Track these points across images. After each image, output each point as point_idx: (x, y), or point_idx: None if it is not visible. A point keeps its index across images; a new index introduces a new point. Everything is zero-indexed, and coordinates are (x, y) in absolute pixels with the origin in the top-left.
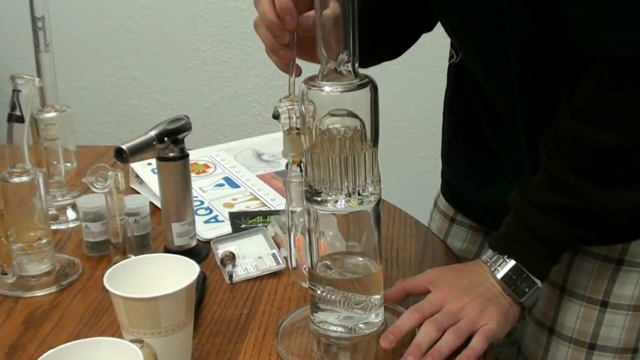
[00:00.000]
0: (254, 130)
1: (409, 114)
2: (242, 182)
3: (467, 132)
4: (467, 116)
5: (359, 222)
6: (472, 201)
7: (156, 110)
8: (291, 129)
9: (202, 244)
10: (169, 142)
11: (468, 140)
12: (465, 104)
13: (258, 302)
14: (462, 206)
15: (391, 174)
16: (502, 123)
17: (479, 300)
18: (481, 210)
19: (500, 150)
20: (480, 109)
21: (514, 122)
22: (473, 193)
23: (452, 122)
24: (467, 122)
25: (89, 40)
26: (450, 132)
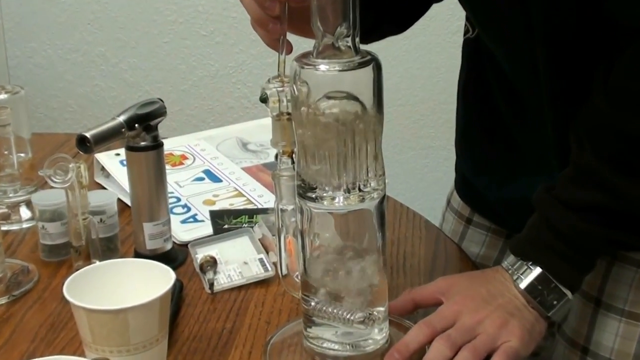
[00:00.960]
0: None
1: (419, 97)
2: (225, 176)
3: (485, 119)
4: (485, 100)
5: (360, 222)
6: (491, 199)
7: (125, 93)
8: (281, 114)
9: (178, 248)
10: (140, 129)
11: (486, 128)
12: (482, 86)
13: (243, 315)
14: (479, 205)
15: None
16: (526, 109)
17: (499, 314)
18: (501, 209)
19: (523, 140)
20: (500, 92)
21: (539, 107)
22: (492, 190)
23: (468, 106)
24: (484, 107)
25: (45, 10)
26: (465, 119)
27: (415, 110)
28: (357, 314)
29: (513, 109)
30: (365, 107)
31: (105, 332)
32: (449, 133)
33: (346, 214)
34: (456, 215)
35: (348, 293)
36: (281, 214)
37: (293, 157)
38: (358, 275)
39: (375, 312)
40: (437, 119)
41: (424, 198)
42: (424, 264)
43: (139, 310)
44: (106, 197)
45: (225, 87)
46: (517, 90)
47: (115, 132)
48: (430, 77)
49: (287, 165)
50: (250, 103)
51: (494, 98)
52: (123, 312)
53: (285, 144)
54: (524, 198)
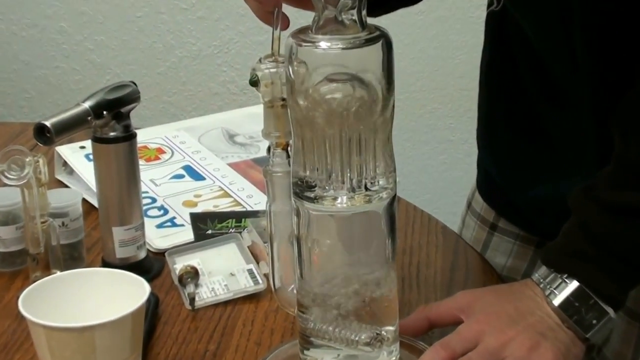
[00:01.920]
0: (224, 104)
1: (436, 82)
2: (209, 173)
3: (512, 108)
4: (512, 85)
5: (367, 227)
6: (520, 201)
7: (91, 76)
8: (274, 100)
9: (153, 257)
10: (109, 118)
11: (513, 118)
12: (509, 68)
13: (229, 335)
14: (506, 208)
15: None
16: (561, 97)
17: (529, 335)
18: (532, 213)
19: (558, 132)
20: (530, 76)
21: (577, 96)
22: (521, 190)
23: (492, 92)
24: (511, 93)
25: None
26: (489, 107)
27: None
28: (363, 334)
29: (546, 96)
30: (372, 92)
31: (67, 354)
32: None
33: (350, 217)
34: (479, 220)
35: (352, 310)
36: (274, 217)
37: (288, 150)
38: (364, 289)
39: (383, 332)
40: (457, 108)
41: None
42: (440, 277)
43: (107, 329)
44: (69, 196)
45: (208, 69)
46: (551, 75)
47: (79, 120)
48: (449, 59)
49: (281, 160)
50: (238, 88)
51: (523, 83)
52: (88, 331)
53: (279, 135)
54: (559, 200)
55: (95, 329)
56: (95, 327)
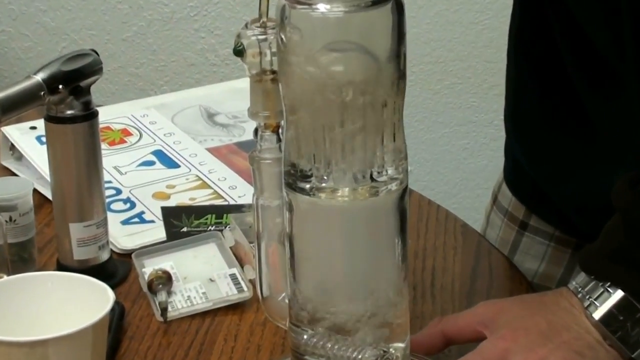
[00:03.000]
0: (202, 77)
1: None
2: (184, 159)
3: (547, 85)
4: (547, 58)
5: (372, 224)
6: (555, 196)
7: (44, 43)
8: (263, 72)
9: (118, 259)
10: (66, 93)
11: (548, 98)
12: (543, 37)
13: (208, 353)
14: (538, 203)
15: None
16: (604, 75)
17: (564, 354)
18: (569, 210)
19: (598, 116)
20: (568, 48)
21: (621, 70)
22: (555, 183)
23: (522, 66)
24: (545, 67)
25: None
26: (519, 83)
27: (449, 70)
28: (367, 353)
29: (585, 72)
30: (380, 64)
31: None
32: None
33: (353, 213)
34: (506, 218)
35: (355, 323)
36: (262, 212)
37: (279, 133)
38: (368, 299)
39: (392, 350)
40: (481, 83)
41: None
42: (459, 284)
43: (64, 344)
44: (17, 186)
45: (183, 35)
46: (593, 48)
47: (30, 96)
48: (472, 24)
49: (270, 144)
50: (218, 58)
51: (559, 55)
52: (41, 346)
53: (268, 115)
54: (600, 194)
55: (49, 344)
56: (49, 342)
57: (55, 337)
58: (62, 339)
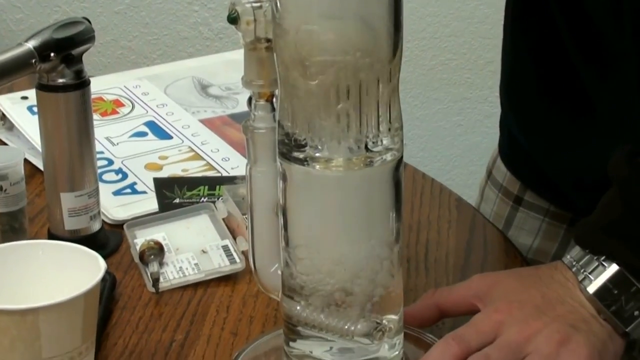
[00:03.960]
0: (195, 50)
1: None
2: (177, 131)
3: (543, 60)
4: (543, 32)
5: (367, 195)
6: (550, 170)
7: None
8: (258, 41)
9: (109, 229)
10: (58, 61)
11: (544, 73)
12: (540, 11)
13: (200, 323)
14: (533, 178)
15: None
16: (601, 49)
17: (558, 327)
18: (564, 185)
19: (594, 90)
20: (565, 22)
21: (619, 45)
22: (551, 157)
23: (519, 42)
24: (542, 42)
25: None
26: (515, 59)
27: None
28: (361, 324)
29: (582, 47)
30: (376, 33)
31: (6, 342)
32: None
33: (347, 184)
34: (500, 193)
35: (348, 295)
36: (255, 183)
37: (273, 102)
38: (362, 271)
39: (385, 322)
40: (476, 59)
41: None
42: (454, 258)
43: (54, 313)
44: (8, 156)
45: (177, 8)
46: (590, 23)
47: (21, 63)
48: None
49: (264, 113)
50: (212, 32)
51: (555, 29)
52: (32, 314)
53: (262, 84)
54: (597, 168)
55: (39, 313)
56: (40, 310)
57: (46, 305)
58: (53, 308)
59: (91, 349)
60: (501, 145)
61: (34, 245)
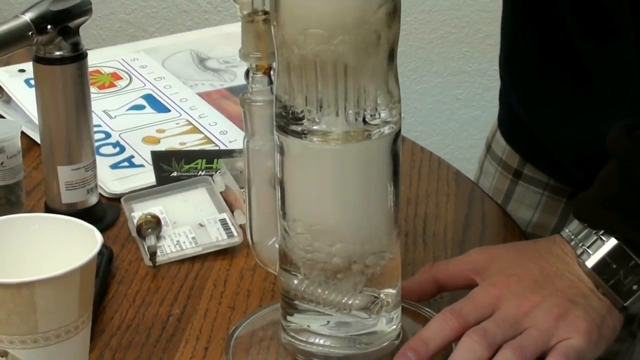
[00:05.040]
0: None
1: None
2: (174, 104)
3: (542, 32)
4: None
5: (364, 168)
6: (550, 144)
7: None
8: (255, 13)
9: (107, 202)
10: (55, 33)
11: (544, 45)
12: None
13: (197, 297)
14: (533, 152)
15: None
16: (600, 22)
17: (556, 301)
18: (564, 158)
19: (595, 64)
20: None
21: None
22: (551, 130)
23: (519, 14)
24: (542, 15)
25: None
26: (514, 31)
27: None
28: (358, 298)
29: (582, 20)
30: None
31: (3, 316)
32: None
33: (345, 156)
34: (500, 166)
35: (346, 269)
36: (253, 156)
37: (271, 74)
38: (360, 245)
39: (382, 296)
40: (475, 32)
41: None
42: (452, 232)
43: (51, 286)
44: (5, 129)
45: None
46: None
47: (18, 36)
48: None
49: (262, 86)
50: (210, 5)
51: (555, 3)
52: (28, 287)
53: (260, 56)
54: (596, 142)
55: (35, 286)
56: (36, 284)
57: (42, 278)
58: (49, 281)
59: (88, 322)
60: (500, 119)
61: (30, 218)
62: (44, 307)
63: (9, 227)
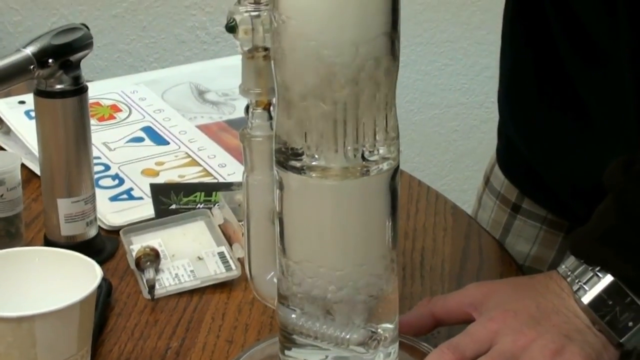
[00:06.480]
0: (193, 54)
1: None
2: (173, 136)
3: (541, 66)
4: (542, 39)
5: (363, 204)
6: (548, 178)
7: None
8: (255, 49)
9: (106, 235)
10: (56, 67)
11: (542, 78)
12: (538, 18)
13: (195, 330)
14: (531, 185)
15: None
16: (598, 58)
17: (552, 337)
18: (562, 192)
19: (593, 98)
20: (562, 30)
21: (615, 58)
22: (549, 164)
23: (518, 48)
24: (541, 49)
25: None
26: (512, 65)
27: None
28: (356, 333)
29: (581, 57)
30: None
31: (2, 349)
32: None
33: (344, 193)
34: (498, 200)
35: (344, 303)
36: (252, 190)
37: (270, 110)
38: (358, 279)
39: (380, 330)
40: (472, 65)
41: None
42: (449, 266)
43: (51, 320)
44: (5, 161)
45: (174, 12)
46: (588, 35)
47: (19, 69)
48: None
49: (261, 121)
50: (209, 36)
51: (553, 37)
52: (28, 322)
53: (260, 92)
54: (594, 176)
55: (35, 320)
56: (36, 318)
57: (42, 312)
58: (49, 315)
59: (87, 356)
60: (499, 153)
61: (31, 252)
62: (43, 340)
63: (10, 261)
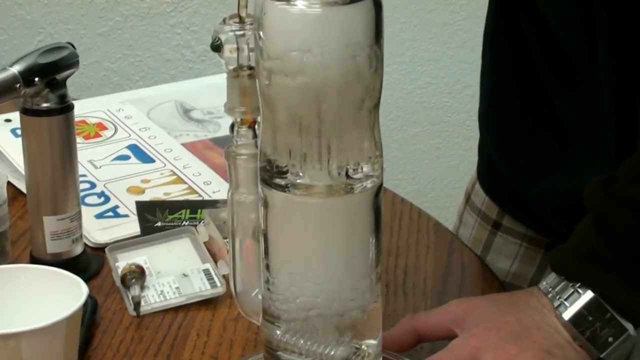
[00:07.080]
0: (178, 72)
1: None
2: (159, 154)
3: (521, 86)
4: (521, 60)
5: (347, 222)
6: (528, 195)
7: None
8: (240, 68)
9: (91, 252)
10: (42, 85)
11: (522, 98)
12: (517, 39)
13: (180, 348)
14: (511, 203)
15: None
16: (576, 78)
17: (533, 352)
18: (542, 210)
19: (571, 117)
20: (541, 51)
21: (593, 78)
22: (529, 182)
23: (497, 67)
24: (521, 69)
25: None
26: (493, 84)
27: (423, 70)
28: (340, 349)
29: (559, 76)
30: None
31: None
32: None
33: (328, 210)
34: (479, 217)
35: (328, 320)
36: (237, 208)
37: (255, 128)
38: (342, 296)
39: (364, 346)
40: (454, 83)
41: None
42: (432, 282)
43: (37, 337)
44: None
45: (160, 31)
46: (565, 53)
47: (6, 88)
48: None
49: (246, 140)
50: (194, 54)
51: (533, 57)
52: (14, 339)
53: (244, 111)
54: (574, 194)
55: (21, 338)
56: (22, 335)
57: (28, 330)
58: (34, 333)
59: None
60: (480, 171)
61: (16, 269)
62: (29, 358)
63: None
